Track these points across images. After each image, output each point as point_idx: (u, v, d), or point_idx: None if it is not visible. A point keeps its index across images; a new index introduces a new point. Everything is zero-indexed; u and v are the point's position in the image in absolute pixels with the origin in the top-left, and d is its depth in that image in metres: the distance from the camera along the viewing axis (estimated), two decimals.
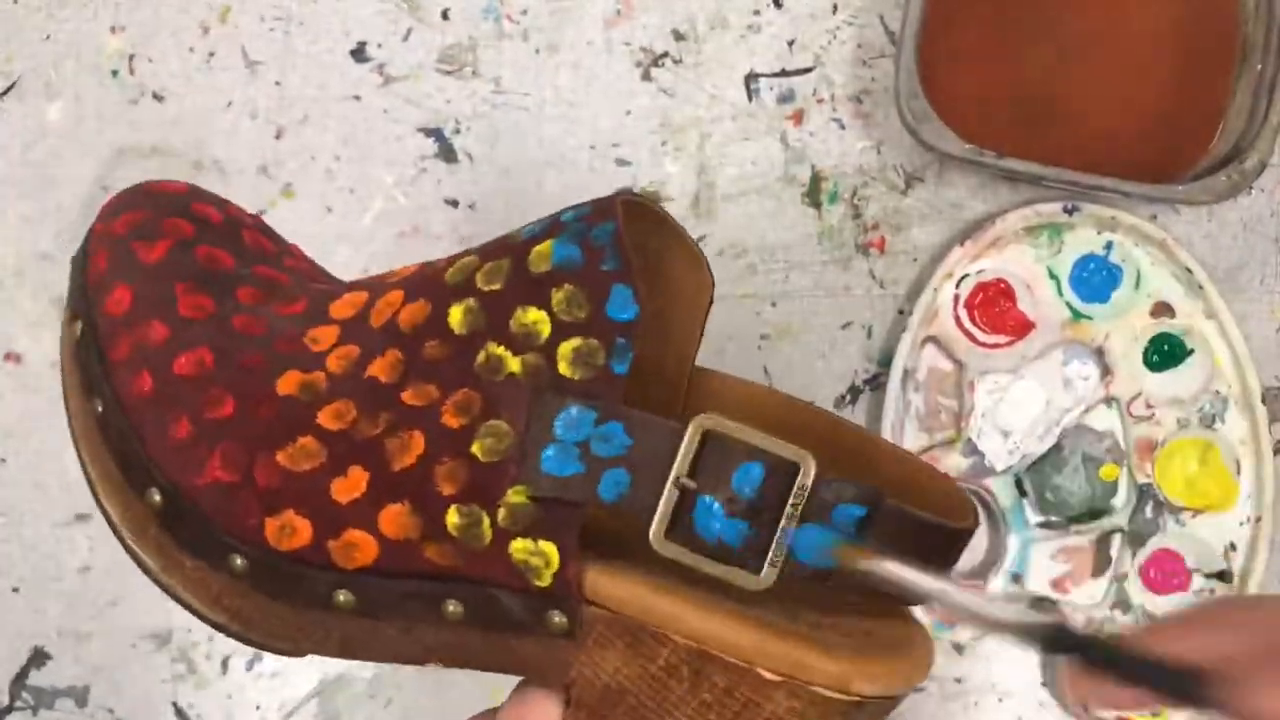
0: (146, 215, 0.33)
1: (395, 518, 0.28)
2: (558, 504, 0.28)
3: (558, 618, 0.28)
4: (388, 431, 0.29)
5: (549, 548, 0.28)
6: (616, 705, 0.29)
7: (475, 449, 0.28)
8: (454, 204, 0.51)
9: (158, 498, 0.30)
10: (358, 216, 0.51)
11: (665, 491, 0.27)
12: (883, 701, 0.28)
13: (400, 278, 0.32)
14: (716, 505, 0.28)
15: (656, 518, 0.28)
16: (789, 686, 0.28)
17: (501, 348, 0.29)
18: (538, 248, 0.30)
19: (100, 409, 0.31)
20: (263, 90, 0.52)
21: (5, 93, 0.52)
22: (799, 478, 0.27)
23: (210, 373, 0.30)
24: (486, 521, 0.28)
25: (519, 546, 0.28)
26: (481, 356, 0.29)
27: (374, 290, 0.32)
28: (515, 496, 0.28)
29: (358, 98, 0.52)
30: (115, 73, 0.52)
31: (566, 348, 0.28)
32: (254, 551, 0.29)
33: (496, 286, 0.29)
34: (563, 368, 0.28)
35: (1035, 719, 0.51)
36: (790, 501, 0.27)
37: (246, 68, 0.52)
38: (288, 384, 0.30)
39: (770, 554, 0.27)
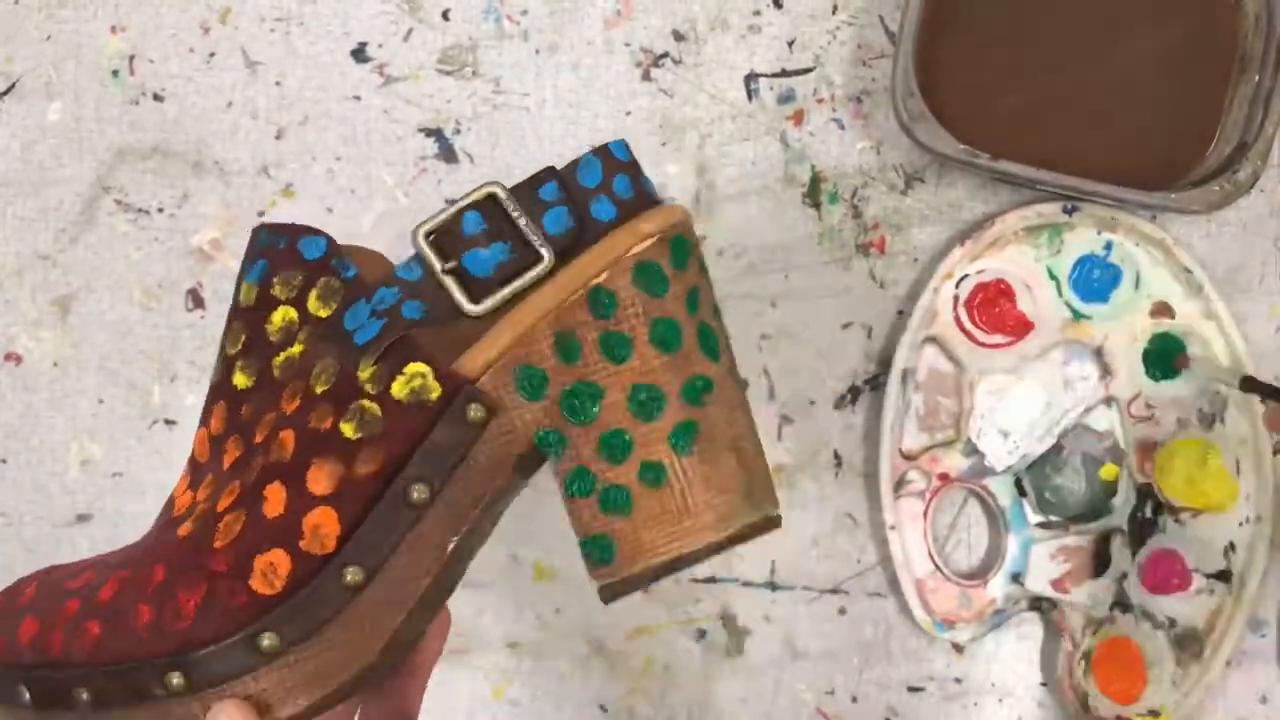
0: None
1: (320, 474, 0.34)
2: (392, 345, 0.34)
3: (473, 410, 0.34)
4: (265, 454, 0.34)
5: (414, 367, 0.34)
6: (552, 411, 0.34)
7: (318, 390, 0.34)
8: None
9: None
10: (358, 217, 0.51)
11: (445, 282, 0.34)
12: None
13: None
14: (473, 252, 0.35)
15: (459, 298, 0.34)
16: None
17: (281, 354, 0.35)
18: (241, 294, 0.37)
19: None
20: (263, 90, 0.52)
21: (5, 93, 0.52)
22: (501, 199, 0.35)
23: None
24: (367, 404, 0.34)
25: (398, 387, 0.34)
26: (276, 372, 0.35)
27: (189, 459, 0.38)
28: (364, 372, 0.34)
29: (358, 98, 0.52)
30: (115, 73, 0.52)
31: (313, 303, 0.35)
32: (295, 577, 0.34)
33: (242, 338, 0.36)
34: (322, 312, 0.35)
35: (1035, 719, 0.51)
36: (509, 211, 0.35)
37: (247, 68, 0.52)
38: (184, 530, 0.35)
39: (535, 241, 0.35)
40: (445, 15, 0.52)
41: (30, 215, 0.52)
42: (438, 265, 0.35)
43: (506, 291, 0.34)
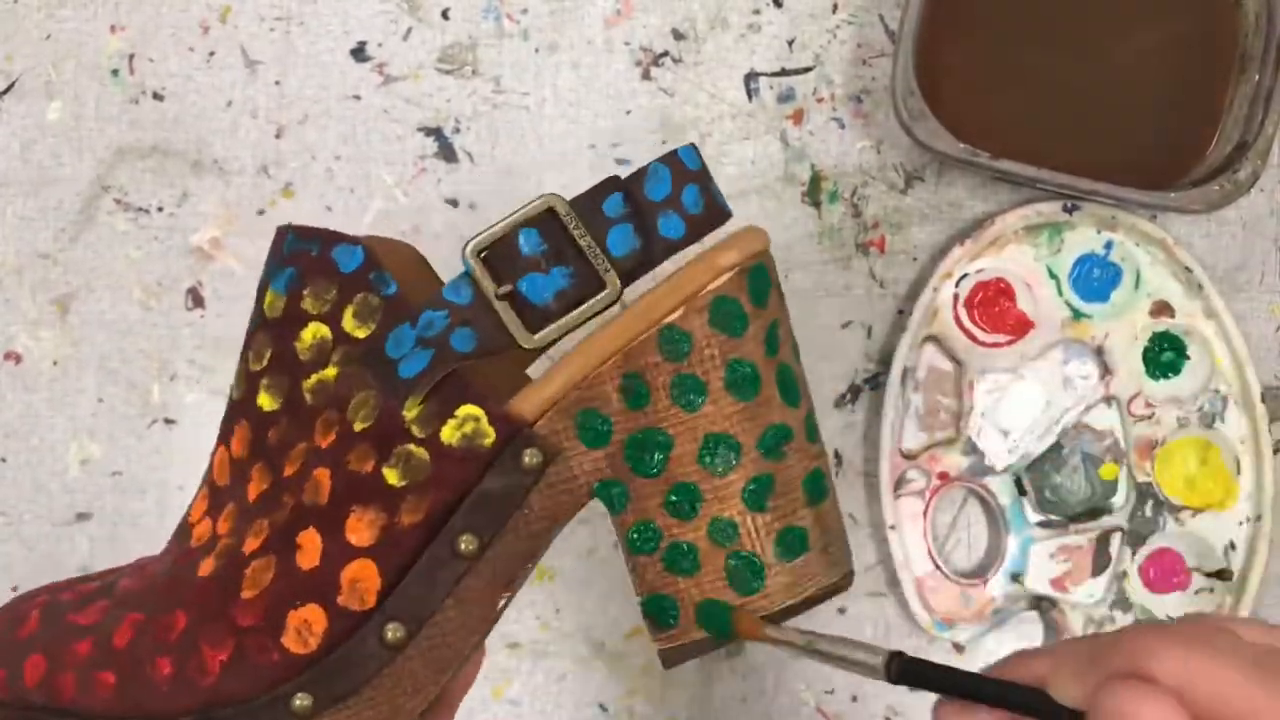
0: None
1: (360, 524, 0.31)
2: (441, 383, 0.31)
3: (529, 456, 0.31)
4: (295, 494, 0.31)
5: (467, 409, 0.31)
6: (615, 459, 0.31)
7: (357, 426, 0.31)
8: (454, 204, 0.51)
9: None
10: (358, 216, 0.51)
11: (500, 309, 0.31)
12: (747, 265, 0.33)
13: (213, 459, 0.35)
14: (531, 276, 0.31)
15: (514, 329, 0.31)
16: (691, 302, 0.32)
17: (312, 376, 0.32)
18: (265, 303, 0.33)
19: None
20: (262, 90, 0.52)
21: (5, 92, 0.52)
22: (561, 215, 0.31)
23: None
24: (414, 448, 0.31)
25: (449, 432, 0.31)
26: (308, 396, 0.32)
27: (205, 478, 0.35)
28: (410, 412, 0.31)
29: (358, 97, 0.52)
30: (115, 72, 0.52)
31: (349, 322, 0.32)
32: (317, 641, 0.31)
33: (268, 353, 0.33)
34: (359, 333, 0.32)
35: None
36: (570, 228, 0.31)
37: (246, 67, 0.52)
38: (205, 568, 0.32)
39: (599, 266, 0.31)
40: (445, 14, 0.52)
41: (30, 214, 0.52)
42: (491, 289, 0.31)
43: (567, 321, 0.31)
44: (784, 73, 0.52)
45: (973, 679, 0.28)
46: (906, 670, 0.29)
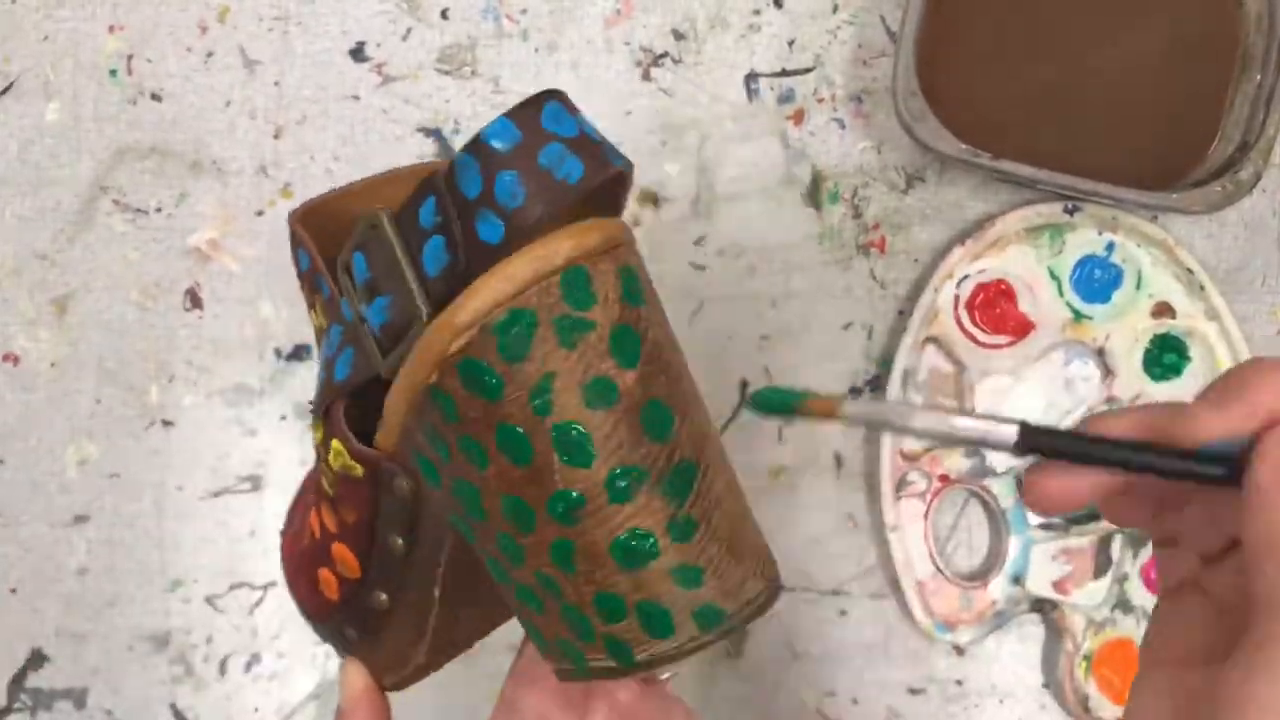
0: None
1: (325, 512, 0.35)
2: (327, 410, 0.32)
3: (404, 482, 0.31)
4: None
5: (335, 444, 0.32)
6: (450, 499, 0.31)
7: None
8: None
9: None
10: None
11: (361, 333, 0.30)
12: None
13: None
14: (364, 305, 0.30)
15: (374, 355, 0.30)
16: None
17: None
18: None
19: None
20: (261, 90, 0.51)
21: (3, 92, 0.52)
22: (385, 233, 0.28)
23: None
24: (324, 465, 0.34)
25: (333, 458, 0.32)
26: None
27: None
28: (317, 433, 0.33)
29: (356, 97, 0.51)
30: (113, 72, 0.52)
31: (319, 316, 0.34)
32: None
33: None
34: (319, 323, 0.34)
35: None
36: (394, 251, 0.28)
37: (245, 67, 0.52)
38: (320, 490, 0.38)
39: (414, 290, 0.28)
40: (444, 14, 0.52)
41: (28, 215, 0.51)
42: (357, 310, 0.29)
43: (398, 354, 0.29)
44: (784, 73, 0.52)
45: (1107, 446, 0.26)
46: (1035, 440, 0.26)
